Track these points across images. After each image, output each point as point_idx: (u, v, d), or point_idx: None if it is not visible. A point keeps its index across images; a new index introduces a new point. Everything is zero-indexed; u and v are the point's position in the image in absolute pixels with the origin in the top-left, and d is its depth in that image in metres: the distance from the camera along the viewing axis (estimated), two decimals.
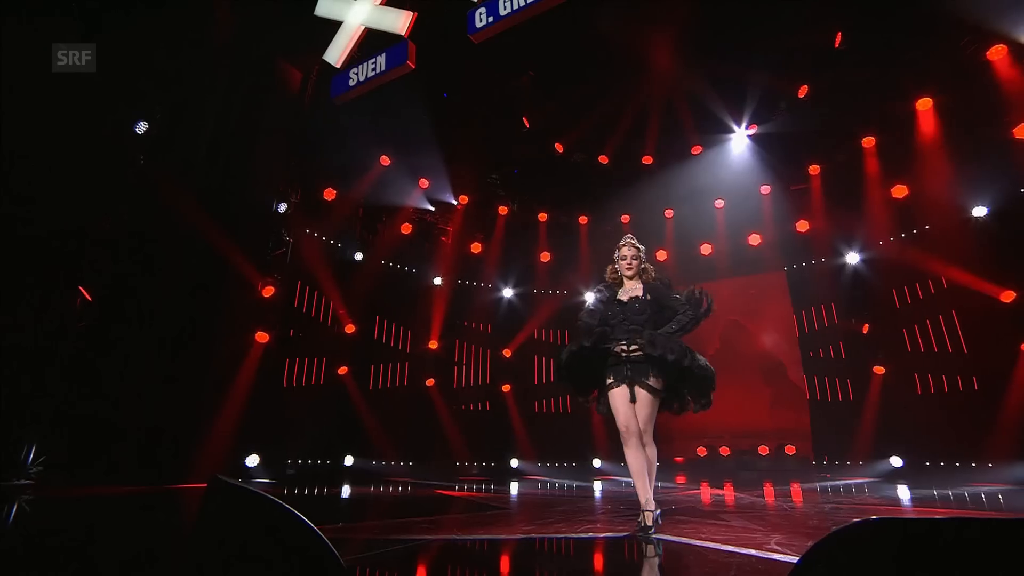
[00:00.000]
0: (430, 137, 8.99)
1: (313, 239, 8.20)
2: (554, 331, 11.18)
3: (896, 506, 4.98)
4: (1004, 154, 7.16)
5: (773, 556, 2.39)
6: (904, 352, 8.25)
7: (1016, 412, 6.85)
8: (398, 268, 9.70)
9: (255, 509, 2.19)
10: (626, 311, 3.36)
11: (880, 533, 0.81)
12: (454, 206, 10.32)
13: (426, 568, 2.39)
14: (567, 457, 10.14)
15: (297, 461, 7.69)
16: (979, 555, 0.73)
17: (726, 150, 9.91)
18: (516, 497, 6.05)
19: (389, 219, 9.61)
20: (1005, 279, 7.21)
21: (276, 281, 7.24)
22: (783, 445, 9.02)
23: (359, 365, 8.80)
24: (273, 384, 7.38)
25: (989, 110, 7.30)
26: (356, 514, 4.59)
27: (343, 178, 8.52)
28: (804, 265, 9.55)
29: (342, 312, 8.53)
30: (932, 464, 7.60)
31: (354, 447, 8.33)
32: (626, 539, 2.95)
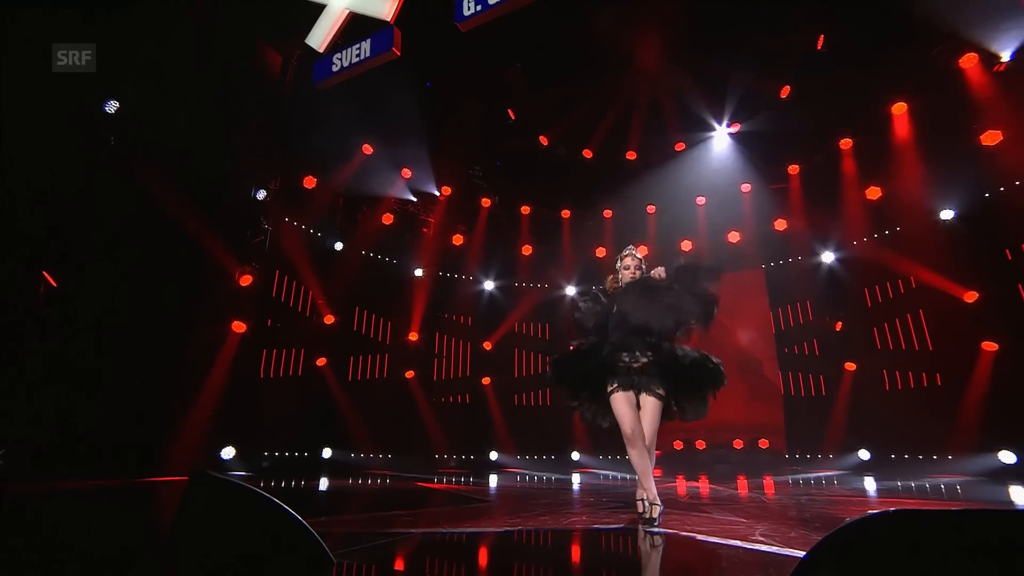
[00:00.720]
0: (414, 126, 8.88)
1: (292, 228, 8.04)
2: (535, 325, 11.21)
3: (863, 497, 5.17)
4: (971, 160, 7.43)
5: (760, 547, 2.45)
6: (874, 349, 8.54)
7: (975, 407, 7.18)
8: (379, 259, 9.58)
9: (242, 502, 2.16)
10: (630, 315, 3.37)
11: (898, 525, 0.83)
12: (437, 197, 10.23)
13: (416, 562, 2.38)
14: (546, 450, 10.21)
15: (274, 454, 7.57)
16: (1004, 547, 0.75)
17: (708, 148, 10.05)
18: (496, 490, 6.08)
19: (370, 209, 9.47)
20: (969, 280, 7.52)
21: (254, 270, 7.08)
22: (757, 439, 9.26)
23: (338, 356, 8.69)
24: (250, 375, 7.23)
25: (959, 116, 7.55)
26: (337, 507, 4.54)
27: (324, 166, 8.35)
28: (782, 263, 9.78)
29: (321, 302, 8.40)
30: (897, 457, 7.90)
31: (332, 439, 8.25)
32: (616, 531, 2.98)
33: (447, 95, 9.25)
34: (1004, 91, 7.13)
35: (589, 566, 2.44)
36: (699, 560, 2.39)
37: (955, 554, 0.79)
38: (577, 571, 2.31)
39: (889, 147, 8.25)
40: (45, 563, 2.02)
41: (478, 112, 9.66)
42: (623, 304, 3.41)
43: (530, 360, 11.09)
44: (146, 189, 6.12)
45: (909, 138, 8.09)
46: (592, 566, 2.44)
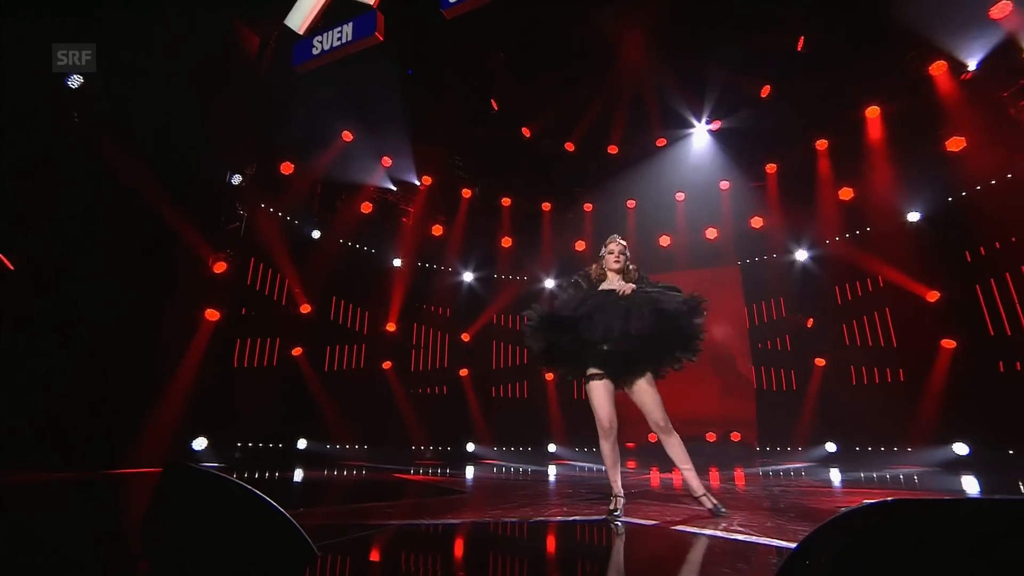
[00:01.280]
0: (395, 114, 8.74)
1: (269, 214, 7.84)
2: (514, 317, 11.22)
3: (829, 488, 5.35)
4: (937, 164, 7.70)
5: (738, 537, 2.51)
6: (843, 345, 8.83)
7: (933, 401, 7.51)
8: (357, 248, 9.43)
9: (221, 494, 2.10)
10: (609, 298, 3.34)
11: (895, 514, 0.85)
12: (417, 187, 10.11)
13: (395, 554, 2.36)
14: (523, 442, 10.27)
15: (248, 444, 7.43)
16: (1000, 535, 0.77)
17: (689, 144, 10.17)
18: (474, 481, 6.09)
19: (349, 197, 9.30)
20: (932, 280, 7.82)
21: (228, 257, 6.88)
22: (729, 432, 9.49)
23: (314, 346, 8.55)
24: (223, 364, 7.06)
25: (927, 122, 7.81)
26: (313, 499, 4.48)
27: (302, 152, 8.15)
28: (757, 260, 9.98)
29: (297, 291, 8.24)
30: (861, 449, 8.20)
31: (307, 430, 8.13)
32: (598, 522, 3.02)
33: (429, 83, 9.12)
34: (969, 99, 7.39)
35: (568, 557, 2.46)
36: (684, 550, 2.44)
37: (952, 542, 0.81)
38: (554, 562, 2.33)
39: (862, 149, 8.48)
40: (6, 560, 1.94)
41: (460, 102, 9.56)
42: (603, 297, 3.36)
43: (508, 352, 11.11)
44: (113, 169, 5.86)
45: (881, 141, 8.33)
46: (571, 557, 2.46)
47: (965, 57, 7.33)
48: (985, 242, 7.44)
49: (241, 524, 1.95)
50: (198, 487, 2.14)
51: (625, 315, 3.13)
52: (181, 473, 2.28)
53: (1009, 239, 7.15)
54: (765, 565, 2.14)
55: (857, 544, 0.91)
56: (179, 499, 2.22)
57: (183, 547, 2.02)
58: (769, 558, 2.21)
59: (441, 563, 2.24)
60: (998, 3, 6.68)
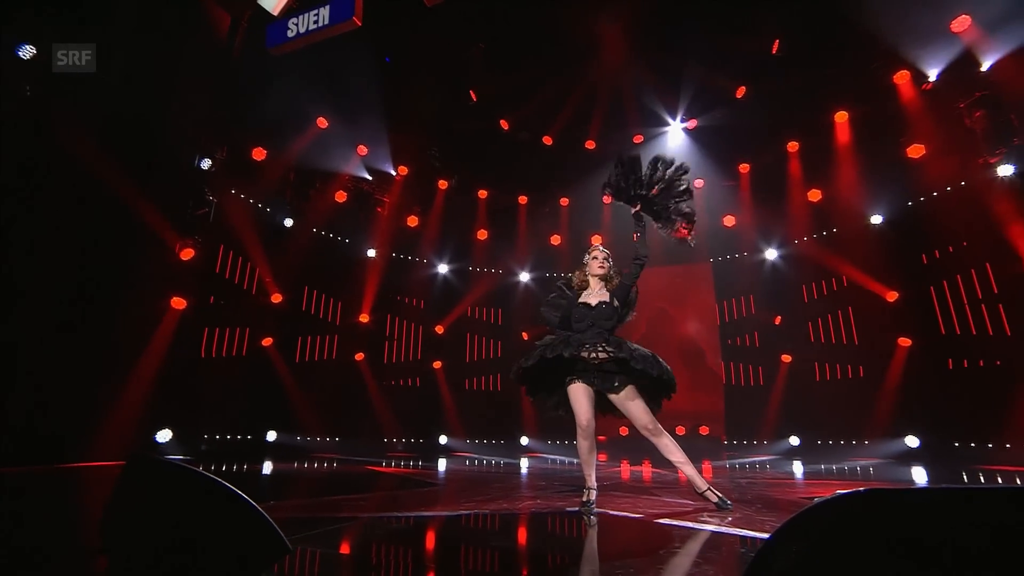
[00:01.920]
0: (372, 102, 8.57)
1: (239, 201, 7.60)
2: (488, 310, 11.21)
3: (791, 479, 5.54)
4: (899, 170, 7.99)
5: (708, 527, 2.57)
6: (808, 342, 9.12)
7: (890, 397, 7.85)
8: (330, 237, 9.25)
9: (189, 487, 2.03)
10: (595, 316, 3.35)
11: (868, 504, 0.87)
12: (392, 177, 9.96)
13: (366, 547, 2.34)
14: (495, 435, 10.29)
15: (215, 436, 7.23)
16: (971, 524, 0.81)
17: (665, 142, 10.27)
18: (447, 473, 6.09)
19: (323, 185, 9.10)
20: (891, 281, 8.14)
21: (196, 243, 6.66)
22: (698, 426, 9.70)
23: (285, 337, 8.37)
24: (190, 354, 6.84)
25: (891, 128, 8.09)
26: (283, 492, 4.41)
27: (275, 138, 7.92)
28: (728, 258, 10.19)
29: (268, 280, 8.04)
30: (823, 443, 8.51)
31: (278, 422, 7.97)
32: (571, 514, 3.04)
33: (407, 72, 8.98)
34: (929, 108, 7.67)
35: (541, 549, 2.48)
36: (656, 541, 2.48)
37: (923, 530, 0.84)
38: (528, 554, 2.34)
39: (831, 152, 8.72)
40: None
41: (438, 92, 9.44)
42: (594, 307, 3.37)
43: (482, 345, 11.10)
44: (70, 149, 5.57)
45: (848, 145, 8.59)
46: (545, 549, 2.48)
47: (927, 68, 7.60)
48: (940, 246, 7.76)
49: (211, 518, 1.90)
50: (165, 479, 2.07)
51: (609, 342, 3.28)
52: (147, 465, 2.20)
53: (961, 244, 7.48)
54: (734, 554, 2.19)
55: (830, 533, 0.93)
56: (144, 492, 2.14)
57: (148, 542, 1.96)
58: (737, 547, 2.27)
59: (413, 556, 2.23)
60: (958, 17, 6.94)
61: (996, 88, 6.91)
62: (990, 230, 6.86)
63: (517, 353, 10.65)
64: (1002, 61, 6.76)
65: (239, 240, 7.60)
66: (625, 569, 2.02)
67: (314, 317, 9.15)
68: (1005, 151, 6.80)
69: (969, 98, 7.22)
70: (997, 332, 7.05)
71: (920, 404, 7.56)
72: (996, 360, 7.02)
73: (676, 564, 2.03)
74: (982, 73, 6.97)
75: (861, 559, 0.87)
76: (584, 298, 3.47)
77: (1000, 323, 7.03)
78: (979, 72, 7.00)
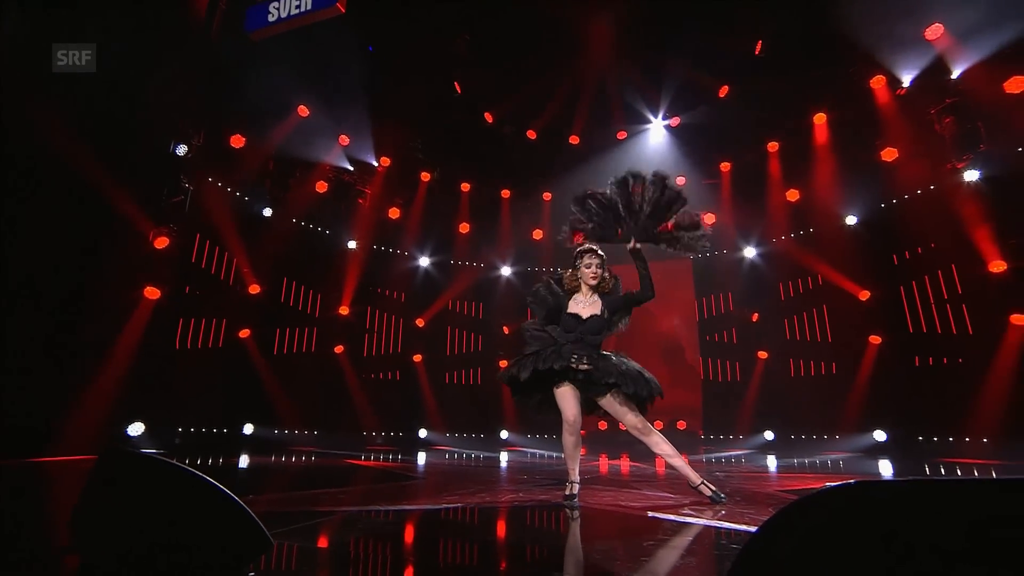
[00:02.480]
0: (355, 91, 8.42)
1: (217, 189, 7.41)
2: (470, 303, 11.17)
3: (766, 473, 5.67)
4: (874, 172, 8.20)
5: (688, 520, 2.61)
6: (784, 339, 9.32)
7: (860, 392, 8.08)
8: (310, 228, 9.10)
9: (166, 481, 1.98)
10: (583, 331, 3.34)
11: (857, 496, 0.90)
12: (375, 168, 9.82)
13: (345, 541, 2.32)
14: (475, 428, 10.29)
15: (189, 429, 7.07)
16: (957, 516, 0.83)
17: (648, 139, 10.35)
18: (427, 467, 6.08)
19: (303, 175, 8.92)
20: (864, 280, 8.37)
21: (171, 232, 6.47)
22: (676, 420, 9.84)
23: (263, 328, 8.21)
24: (164, 345, 6.67)
25: (867, 132, 8.28)
26: (260, 486, 4.35)
27: (254, 125, 7.73)
28: (708, 256, 10.32)
29: (246, 271, 7.87)
30: (796, 437, 8.73)
31: (255, 415, 7.83)
32: (554, 507, 3.06)
33: (391, 62, 8.84)
34: (902, 113, 7.87)
35: (523, 541, 2.49)
36: (638, 534, 2.51)
37: (911, 522, 0.86)
38: (509, 547, 2.35)
39: (810, 153, 8.90)
40: None
41: (422, 83, 9.33)
42: (585, 320, 3.35)
43: (463, 338, 11.06)
44: (39, 133, 5.35)
45: (826, 146, 8.76)
46: (526, 541, 2.49)
47: (901, 73, 7.79)
48: (910, 247, 8.01)
49: (190, 512, 1.85)
50: (141, 474, 2.01)
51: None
52: (121, 459, 2.14)
53: (929, 245, 7.73)
54: (715, 546, 2.24)
55: (819, 525, 0.95)
56: (119, 487, 2.08)
57: (122, 539, 1.90)
58: (718, 540, 2.32)
59: (393, 550, 2.21)
60: (932, 25, 7.14)
61: (964, 96, 7.14)
62: (956, 233, 7.11)
63: (498, 347, 10.71)
64: (971, 70, 6.98)
65: (216, 229, 7.42)
66: (608, 562, 2.05)
67: (293, 309, 9.00)
68: (971, 157, 7.04)
69: (939, 104, 7.43)
70: (960, 331, 7.33)
71: (888, 400, 7.81)
72: (959, 358, 7.30)
73: (659, 557, 2.05)
74: (952, 80, 7.20)
75: (850, 551, 0.89)
76: (574, 306, 3.43)
77: (963, 322, 7.30)
78: (949, 79, 7.21)
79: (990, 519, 0.81)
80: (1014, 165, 6.63)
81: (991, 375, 6.60)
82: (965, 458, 6.64)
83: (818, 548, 0.92)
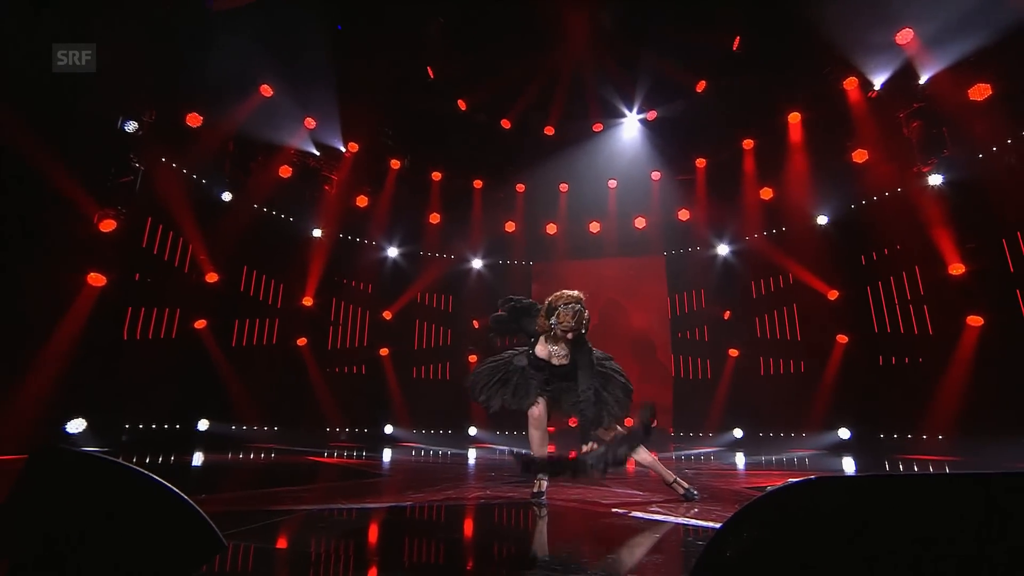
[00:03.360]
0: (322, 72, 8.20)
1: (171, 170, 7.11)
2: (439, 296, 11.10)
3: (734, 470, 5.84)
4: (845, 173, 8.47)
5: (655, 517, 2.66)
6: (754, 338, 9.58)
7: (827, 391, 8.38)
8: (273, 215, 8.86)
9: (108, 481, 1.90)
10: (553, 373, 3.35)
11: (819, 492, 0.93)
12: (342, 153, 9.62)
13: (305, 540, 2.27)
14: (443, 424, 10.26)
15: (137, 426, 6.82)
16: (912, 509, 0.87)
17: (624, 132, 10.44)
18: (392, 464, 6.05)
19: (266, 159, 8.66)
20: (833, 279, 8.66)
21: (119, 214, 6.18)
22: None
23: (221, 319, 7.96)
24: (111, 336, 6.39)
25: (839, 133, 8.54)
26: (215, 484, 4.24)
27: (212, 103, 7.43)
28: (682, 252, 10.52)
29: (203, 258, 7.60)
30: (764, 435, 9.00)
31: (210, 410, 7.60)
32: (522, 504, 3.07)
33: (361, 43, 8.65)
34: (873, 115, 8.16)
35: (490, 539, 2.49)
36: (606, 530, 2.54)
37: (868, 516, 0.90)
38: (476, 545, 2.35)
39: (784, 152, 9.13)
40: None
41: (394, 66, 9.16)
42: (555, 367, 3.34)
43: (431, 332, 10.99)
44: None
45: (800, 146, 9.01)
46: (493, 539, 2.49)
47: (873, 76, 8.06)
48: (877, 248, 8.33)
49: (132, 513, 1.78)
50: (78, 473, 1.92)
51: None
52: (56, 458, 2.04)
53: (895, 247, 8.05)
54: (681, 543, 2.28)
55: (781, 520, 0.98)
56: (53, 488, 1.98)
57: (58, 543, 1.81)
58: (685, 537, 2.36)
59: (356, 549, 2.18)
60: (903, 30, 7.40)
61: (931, 101, 7.45)
62: (920, 235, 7.44)
63: (468, 341, 10.66)
64: (938, 75, 7.28)
65: (170, 213, 7.12)
66: (575, 560, 2.06)
67: (253, 299, 8.76)
68: (936, 161, 7.35)
69: (908, 108, 7.74)
70: (922, 331, 7.67)
71: (853, 398, 8.12)
72: (920, 357, 7.64)
73: (625, 554, 2.08)
74: (920, 85, 7.49)
75: (811, 544, 0.92)
76: (542, 350, 3.33)
77: (924, 323, 7.65)
78: (917, 84, 7.50)
79: (940, 512, 0.86)
80: (974, 171, 6.96)
81: (948, 375, 6.94)
82: (923, 455, 6.98)
83: (779, 542, 0.95)
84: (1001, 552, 0.86)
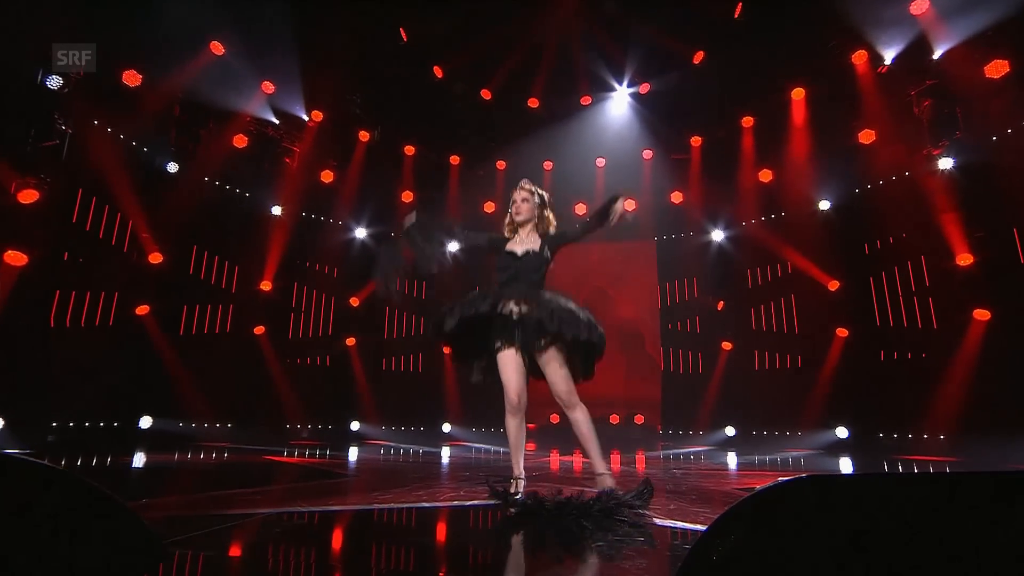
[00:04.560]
0: (282, 31, 7.98)
1: (106, 135, 6.86)
2: (411, 281, 11.02)
3: (726, 470, 5.95)
4: (850, 155, 8.56)
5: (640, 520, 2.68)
6: (749, 330, 9.72)
7: (825, 387, 8.56)
8: (226, 189, 8.65)
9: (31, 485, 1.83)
10: (520, 266, 3.36)
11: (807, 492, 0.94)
12: (304, 122, 9.43)
13: (259, 547, 2.24)
14: (415, 421, 10.26)
15: (68, 424, 6.64)
16: (903, 508, 0.88)
17: (614, 107, 10.40)
18: (358, 464, 6.03)
19: (218, 126, 8.43)
20: (834, 269, 8.79)
21: (42, 183, 5.94)
22: (633, 414, 10.14)
23: (166, 304, 7.78)
24: (34, 323, 6.17)
25: (846, 111, 8.61)
26: (159, 487, 4.16)
27: (154, 60, 7.16)
28: (674, 237, 10.59)
29: (145, 236, 7.40)
30: (758, 433, 9.18)
31: (154, 406, 7.45)
32: (497, 507, 3.07)
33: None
34: (882, 92, 8.22)
35: (463, 545, 2.48)
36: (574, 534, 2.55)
37: (857, 515, 0.91)
38: (447, 551, 2.34)
39: (785, 131, 9.19)
40: None
41: (363, 27, 8.96)
42: (519, 256, 3.38)
43: (403, 320, 10.93)
44: None
45: (803, 125, 9.07)
46: (466, 545, 2.49)
47: (884, 50, 8.10)
48: (882, 236, 8.44)
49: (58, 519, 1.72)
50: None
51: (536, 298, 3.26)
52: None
53: (901, 235, 8.16)
54: (668, 546, 2.30)
55: (769, 520, 0.99)
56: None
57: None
58: (671, 540, 2.39)
59: (317, 556, 2.16)
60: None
61: (945, 78, 7.49)
62: (927, 223, 7.52)
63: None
64: (953, 50, 7.28)
65: (106, 184, 6.89)
66: (555, 564, 2.07)
67: (204, 283, 8.57)
68: (947, 144, 7.44)
69: (920, 86, 7.79)
70: (926, 325, 7.83)
71: (851, 395, 8.30)
72: (922, 353, 7.82)
73: (607, 558, 2.09)
74: (933, 61, 7.52)
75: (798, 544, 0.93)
76: (512, 244, 3.48)
77: (929, 316, 7.79)
78: (931, 59, 7.53)
79: (932, 512, 0.88)
80: (988, 155, 7.00)
81: (952, 371, 7.09)
82: (922, 455, 7.19)
83: (767, 542, 0.96)
84: (989, 552, 0.89)
